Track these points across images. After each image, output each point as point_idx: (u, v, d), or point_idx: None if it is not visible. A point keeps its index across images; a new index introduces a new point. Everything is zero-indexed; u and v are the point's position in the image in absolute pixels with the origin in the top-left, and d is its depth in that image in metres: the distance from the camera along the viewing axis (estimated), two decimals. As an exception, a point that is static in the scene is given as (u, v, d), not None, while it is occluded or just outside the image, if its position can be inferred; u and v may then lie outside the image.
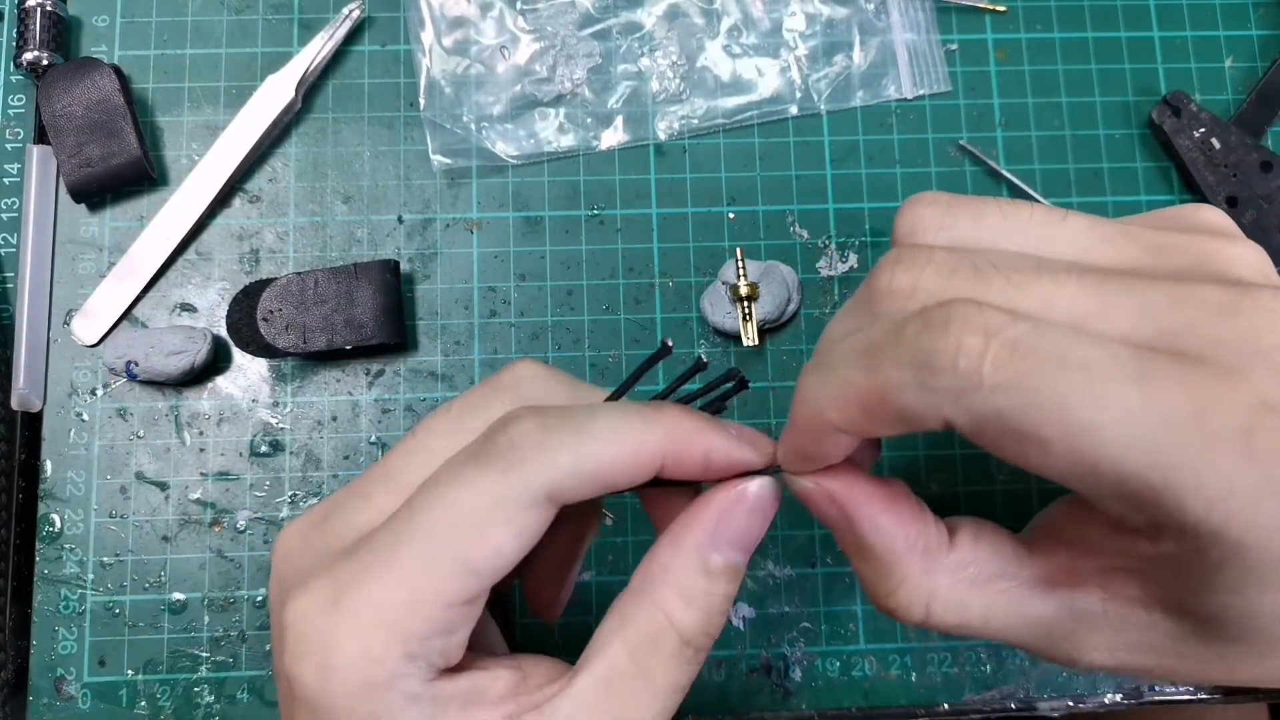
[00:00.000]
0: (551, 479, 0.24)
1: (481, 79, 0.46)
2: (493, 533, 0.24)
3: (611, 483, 0.25)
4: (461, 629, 0.25)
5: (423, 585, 0.24)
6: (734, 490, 0.26)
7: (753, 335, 0.42)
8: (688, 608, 0.25)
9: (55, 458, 0.42)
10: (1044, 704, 0.42)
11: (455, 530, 0.24)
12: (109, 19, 0.46)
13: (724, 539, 0.26)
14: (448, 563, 0.24)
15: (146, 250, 0.44)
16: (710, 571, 0.25)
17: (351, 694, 0.24)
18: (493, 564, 0.24)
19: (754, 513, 0.26)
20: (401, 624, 0.24)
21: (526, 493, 0.24)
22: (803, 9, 0.47)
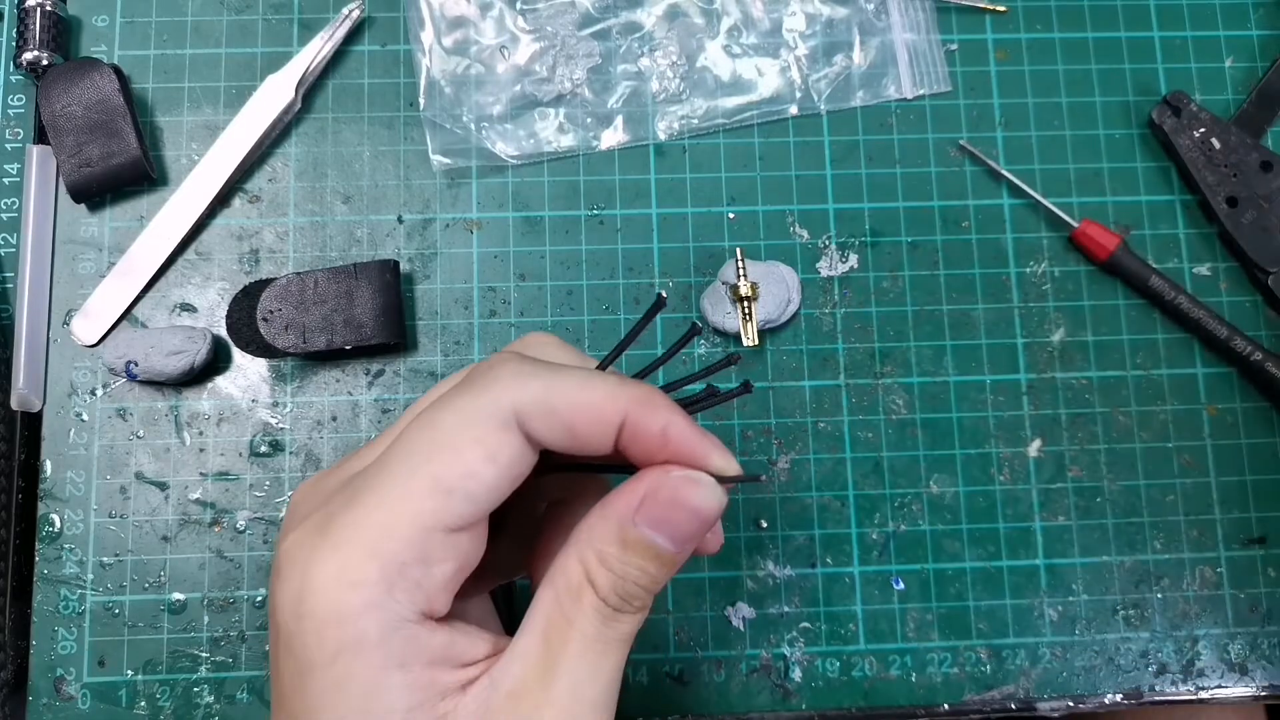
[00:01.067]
0: (519, 401, 0.25)
1: (481, 79, 0.46)
2: (464, 451, 0.25)
3: (577, 427, 0.25)
4: (441, 564, 0.25)
5: (399, 506, 0.24)
6: (668, 472, 0.26)
7: (753, 335, 0.42)
8: (600, 567, 0.26)
9: (55, 458, 0.42)
10: (1044, 704, 0.42)
11: (431, 448, 0.25)
12: (109, 19, 0.46)
13: (646, 515, 0.26)
14: (422, 481, 0.25)
15: (146, 250, 0.44)
16: (626, 541, 0.26)
17: (323, 619, 0.24)
18: (465, 485, 0.25)
19: (681, 503, 0.26)
20: (379, 545, 0.24)
21: (496, 411, 0.25)
22: (803, 9, 0.47)
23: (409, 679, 0.25)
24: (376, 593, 0.24)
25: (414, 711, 0.25)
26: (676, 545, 0.26)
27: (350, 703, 0.25)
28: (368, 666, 0.24)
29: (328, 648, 0.24)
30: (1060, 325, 0.45)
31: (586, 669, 0.26)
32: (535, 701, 0.25)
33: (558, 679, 0.25)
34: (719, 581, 0.42)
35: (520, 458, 0.25)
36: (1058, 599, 0.42)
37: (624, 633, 0.26)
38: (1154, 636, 0.42)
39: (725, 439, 0.43)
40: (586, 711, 0.26)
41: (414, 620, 0.25)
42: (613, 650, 0.26)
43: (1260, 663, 0.42)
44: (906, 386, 0.44)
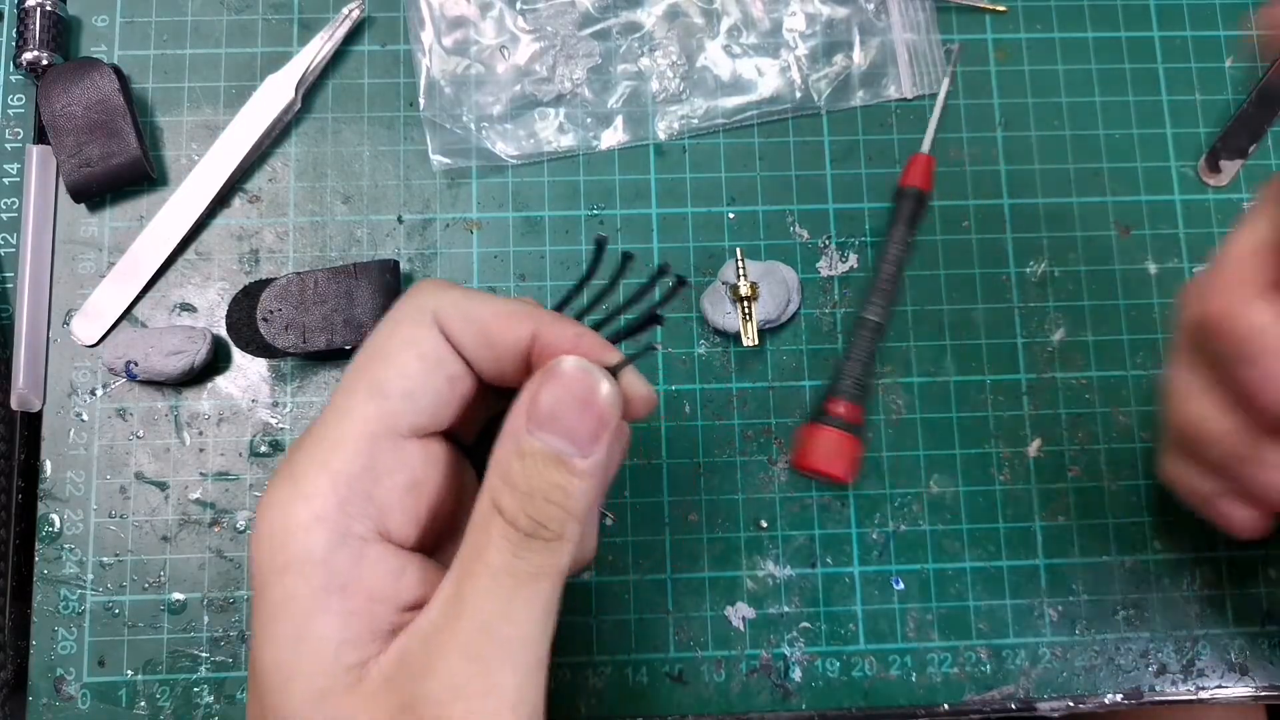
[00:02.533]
0: (439, 304, 0.26)
1: (481, 79, 0.46)
2: (393, 353, 0.26)
3: (491, 331, 0.26)
4: (391, 476, 0.25)
5: (343, 419, 0.25)
6: (546, 368, 0.25)
7: (753, 335, 0.42)
8: (504, 487, 0.25)
9: (55, 458, 0.42)
10: (1044, 704, 0.42)
11: (365, 360, 0.26)
12: (109, 19, 0.46)
13: (536, 418, 0.25)
14: (361, 390, 0.26)
15: (146, 250, 0.44)
16: (523, 452, 0.24)
17: (275, 535, 0.25)
18: (400, 384, 0.26)
19: (566, 393, 0.25)
20: (326, 458, 0.25)
21: (417, 313, 0.26)
22: (803, 9, 0.47)
23: (347, 607, 0.24)
24: (326, 505, 0.24)
25: (344, 646, 0.24)
26: (575, 444, 0.25)
27: (288, 626, 0.24)
28: (310, 584, 0.24)
29: (277, 563, 0.24)
30: (1060, 325, 0.45)
31: (495, 605, 0.24)
32: (443, 644, 0.24)
33: (465, 617, 0.24)
34: (719, 581, 0.42)
35: (445, 354, 0.26)
36: (1058, 599, 0.42)
37: (539, 565, 0.24)
38: (1154, 636, 0.42)
39: (725, 439, 0.43)
40: (496, 652, 0.24)
41: (364, 536, 0.25)
42: (526, 585, 0.24)
43: (1260, 663, 0.42)
44: (906, 386, 0.44)
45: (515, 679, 0.24)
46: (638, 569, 0.42)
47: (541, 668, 0.25)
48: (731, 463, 0.43)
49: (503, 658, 0.24)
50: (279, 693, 0.24)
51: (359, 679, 0.24)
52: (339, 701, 0.24)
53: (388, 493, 0.26)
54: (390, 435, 0.26)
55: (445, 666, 0.24)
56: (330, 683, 0.24)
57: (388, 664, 0.24)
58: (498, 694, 0.24)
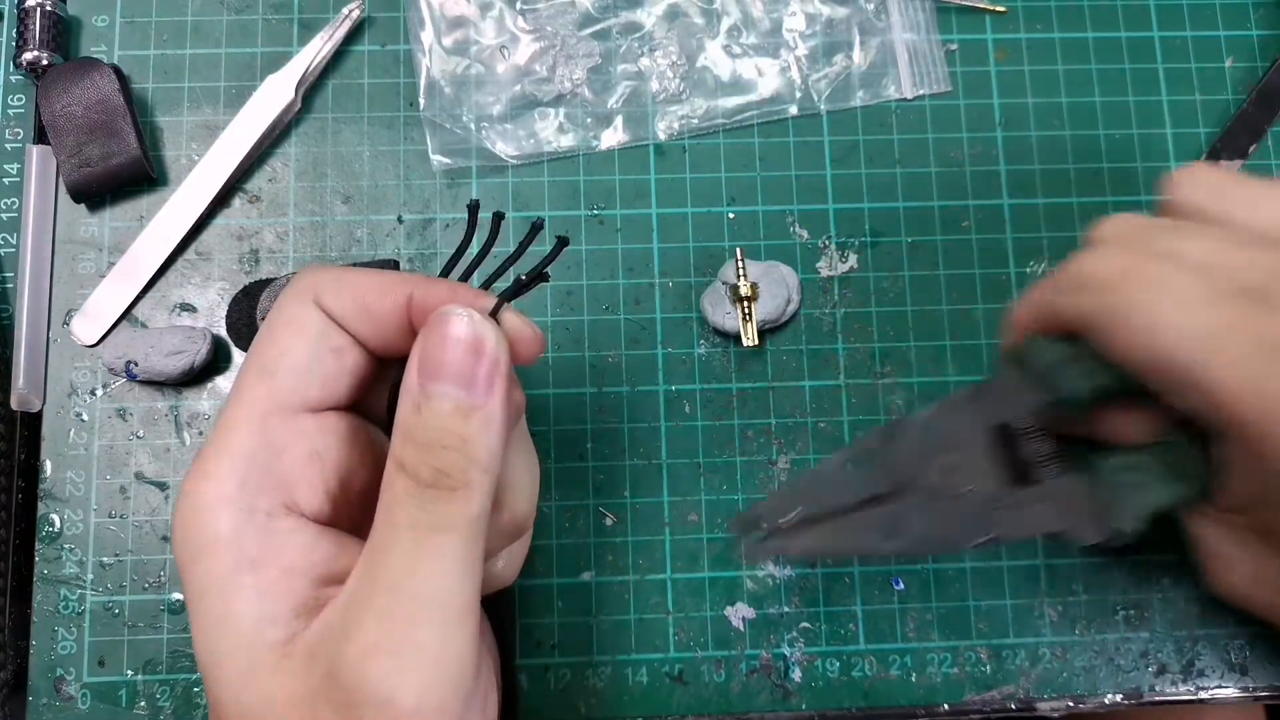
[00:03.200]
0: (316, 283, 0.28)
1: (481, 79, 0.46)
2: (276, 334, 0.27)
3: (368, 300, 0.27)
4: (290, 449, 0.26)
5: (238, 404, 0.27)
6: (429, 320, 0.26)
7: (753, 335, 0.42)
8: (405, 444, 0.25)
9: (55, 458, 0.42)
10: (1044, 704, 0.42)
11: (255, 344, 0.28)
12: (109, 19, 0.46)
13: (423, 369, 0.25)
14: (252, 373, 0.27)
15: (146, 250, 0.44)
16: (418, 405, 0.25)
17: (185, 522, 0.25)
18: (283, 361, 0.27)
19: (443, 338, 0.25)
20: (224, 440, 0.26)
21: (297, 295, 0.28)
22: (803, 9, 0.47)
23: (261, 582, 0.24)
24: (228, 485, 0.25)
25: (264, 623, 0.24)
26: (464, 387, 0.25)
27: (208, 607, 0.25)
28: (221, 564, 0.25)
29: (190, 547, 0.25)
30: (1060, 325, 0.45)
31: (404, 561, 0.24)
32: (358, 607, 0.24)
33: (376, 577, 0.24)
34: (719, 581, 0.42)
35: (328, 330, 0.27)
36: (1058, 599, 0.42)
37: (444, 514, 0.24)
38: (1154, 636, 0.42)
39: (725, 439, 0.43)
40: (408, 608, 0.23)
41: (269, 511, 0.25)
42: (434, 536, 0.24)
43: (1260, 663, 0.42)
44: (906, 386, 0.44)
45: (433, 634, 0.24)
46: (638, 569, 0.42)
47: (464, 621, 0.24)
48: (731, 463, 0.43)
49: (416, 613, 0.24)
50: (211, 675, 0.25)
51: (284, 655, 0.24)
52: (265, 678, 0.24)
53: (288, 467, 0.26)
54: (281, 411, 0.26)
55: (360, 629, 0.24)
56: (255, 660, 0.24)
57: (311, 637, 0.24)
58: (415, 651, 0.23)
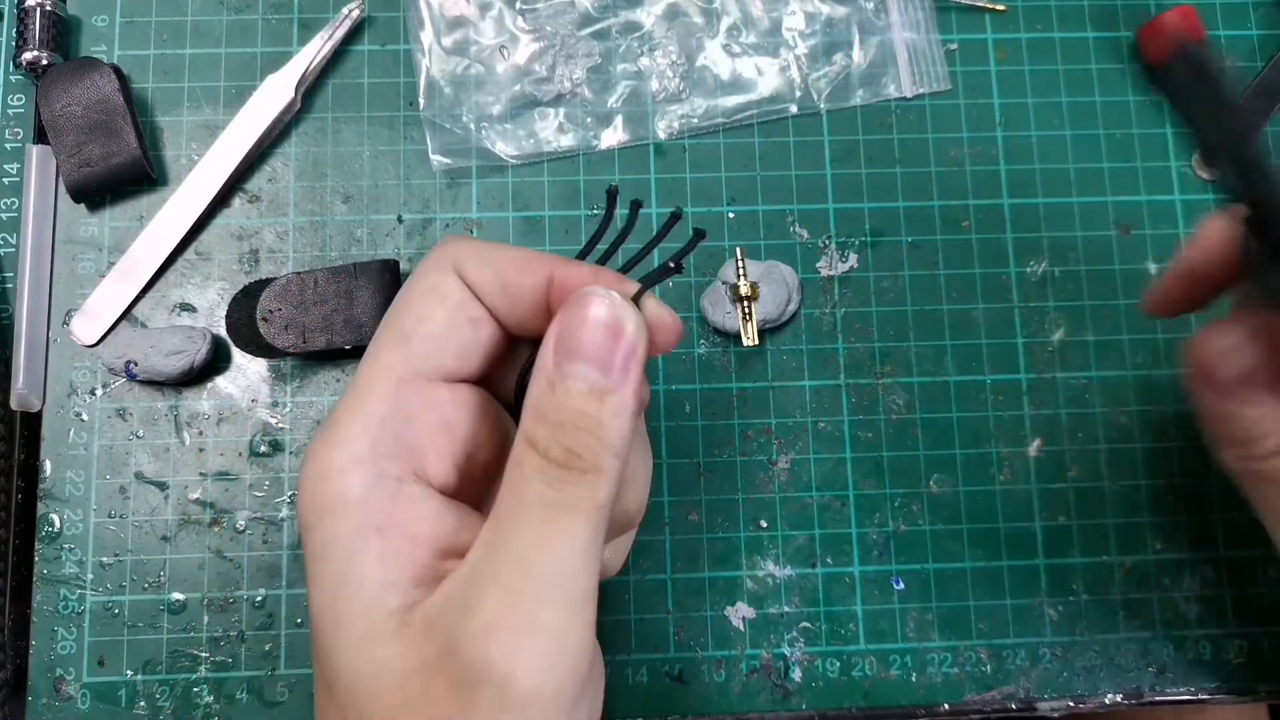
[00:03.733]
0: (457, 252, 0.28)
1: (481, 79, 0.46)
2: (415, 300, 0.27)
3: (507, 275, 0.27)
4: (422, 417, 0.26)
5: (373, 366, 0.27)
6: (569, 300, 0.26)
7: (753, 335, 0.42)
8: (538, 422, 0.25)
9: (55, 458, 0.42)
10: (1044, 704, 0.42)
11: (392, 312, 0.28)
12: (109, 19, 0.46)
13: (562, 349, 0.25)
14: (388, 337, 0.27)
15: (146, 250, 0.44)
16: (553, 384, 0.25)
17: (314, 479, 0.25)
18: (420, 328, 0.27)
19: (584, 320, 0.25)
20: (358, 403, 0.26)
21: (438, 263, 0.28)
22: (802, 8, 0.47)
23: (386, 547, 0.25)
24: (359, 446, 0.25)
25: (386, 589, 0.24)
26: (601, 369, 0.24)
27: (330, 568, 0.25)
28: (348, 525, 0.25)
29: (317, 507, 0.25)
30: (1060, 325, 0.45)
31: (531, 538, 0.24)
32: (481, 582, 0.24)
33: (501, 553, 0.24)
34: (719, 581, 0.42)
35: (468, 301, 0.27)
36: (1058, 599, 0.42)
37: (574, 496, 0.24)
38: (1154, 636, 0.42)
39: (725, 439, 0.43)
40: (533, 587, 0.23)
41: (398, 476, 0.25)
42: (562, 517, 0.24)
43: (1261, 663, 0.42)
44: (906, 386, 0.44)
45: (555, 614, 0.24)
46: (638, 569, 0.42)
47: (586, 605, 0.24)
48: (731, 463, 0.43)
49: (541, 592, 0.23)
50: (328, 641, 0.25)
51: (403, 624, 0.24)
52: (382, 645, 0.24)
53: (419, 434, 0.26)
54: (417, 379, 0.26)
55: (483, 604, 0.23)
56: (374, 626, 0.24)
57: (431, 608, 0.24)
58: (537, 629, 0.23)
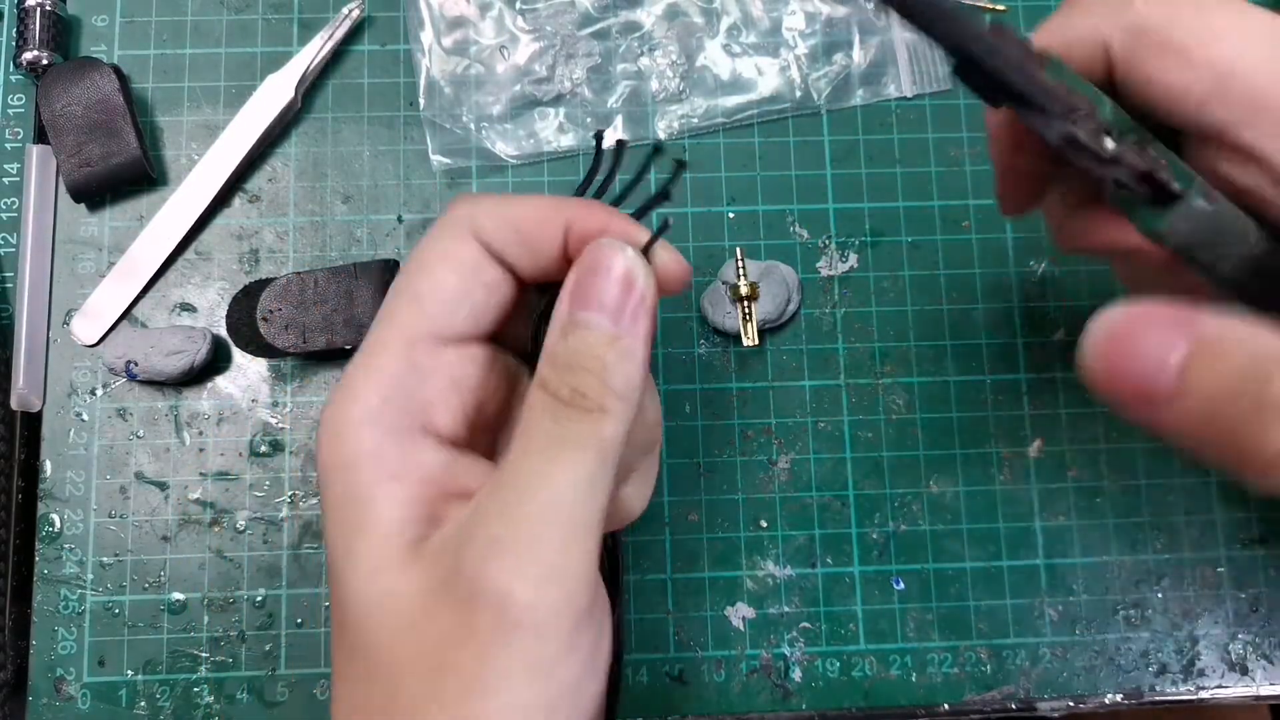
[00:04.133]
0: (473, 213, 0.28)
1: (481, 79, 0.46)
2: (432, 266, 0.28)
3: (525, 228, 0.27)
4: (433, 376, 0.27)
5: (386, 326, 0.27)
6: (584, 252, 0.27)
7: (753, 335, 0.42)
8: (548, 365, 0.26)
9: (55, 458, 0.42)
10: (1044, 704, 0.42)
11: (407, 272, 0.28)
12: (109, 19, 0.46)
13: (574, 295, 0.26)
14: (402, 299, 0.27)
15: (146, 250, 0.44)
16: (565, 328, 0.26)
17: (331, 435, 0.26)
18: (435, 293, 0.27)
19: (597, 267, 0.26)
20: (371, 362, 0.27)
21: (454, 224, 0.28)
22: (802, 8, 0.47)
23: (402, 492, 0.26)
24: (372, 403, 0.26)
25: (401, 525, 0.25)
26: (609, 315, 0.26)
27: (348, 514, 0.26)
28: (365, 475, 0.26)
29: (335, 463, 0.26)
30: (1060, 325, 0.45)
31: (535, 467, 0.25)
32: (485, 509, 0.25)
33: (505, 482, 0.25)
34: (719, 581, 0.42)
35: (482, 264, 0.28)
36: (1058, 599, 0.42)
37: (578, 433, 0.25)
38: (1154, 636, 0.42)
39: (725, 439, 0.43)
40: (533, 513, 0.24)
41: (409, 429, 0.26)
42: (566, 450, 0.25)
43: (1260, 663, 0.42)
44: (906, 386, 0.44)
45: (554, 539, 0.24)
46: (638, 569, 0.42)
47: (585, 536, 0.25)
48: (731, 463, 0.43)
49: (540, 518, 0.24)
50: (341, 572, 0.26)
51: (414, 555, 0.25)
52: (393, 573, 0.25)
53: (429, 392, 0.27)
54: (427, 340, 0.27)
55: (484, 526, 0.25)
56: (387, 557, 0.25)
57: (439, 539, 0.25)
58: (534, 554, 0.24)
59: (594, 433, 0.25)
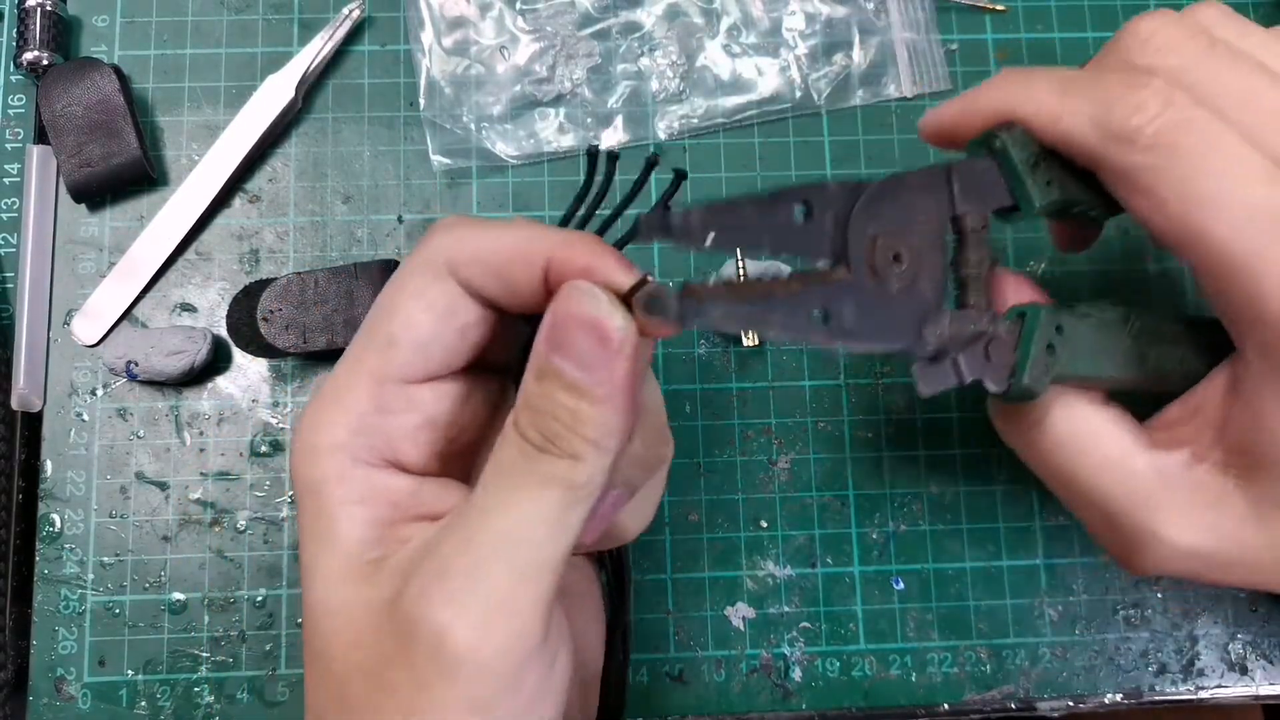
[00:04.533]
0: (451, 250, 0.27)
1: (481, 79, 0.46)
2: (405, 304, 0.27)
3: (503, 268, 0.26)
4: (401, 416, 0.27)
5: (356, 364, 0.27)
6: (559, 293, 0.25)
7: (753, 335, 0.42)
8: (522, 405, 0.25)
9: (55, 458, 0.42)
10: (1044, 704, 0.42)
11: (380, 310, 0.27)
12: (109, 19, 0.46)
13: (549, 340, 0.25)
14: (376, 338, 0.27)
15: (146, 250, 0.44)
16: (539, 372, 0.25)
17: (301, 458, 0.27)
18: (406, 335, 0.27)
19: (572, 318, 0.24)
20: (341, 397, 0.27)
21: (429, 263, 0.27)
22: (802, 8, 0.47)
23: (366, 514, 0.26)
24: (339, 436, 0.26)
25: (367, 545, 0.26)
26: (582, 369, 0.24)
27: (318, 530, 0.26)
28: (331, 499, 0.26)
29: (305, 482, 0.27)
30: (1060, 325, 0.45)
31: (495, 500, 0.25)
32: (443, 532, 0.25)
33: (467, 510, 0.25)
34: (719, 581, 0.42)
35: (458, 304, 0.27)
36: (1058, 599, 0.42)
37: (548, 473, 0.24)
38: (1154, 636, 0.42)
39: (725, 439, 0.43)
40: (489, 543, 0.24)
41: (374, 464, 0.27)
42: (531, 486, 0.24)
43: (1260, 662, 0.42)
44: (906, 386, 0.44)
45: (507, 577, 0.24)
46: (638, 569, 0.42)
47: (539, 576, 0.24)
48: (732, 463, 0.43)
49: (491, 552, 0.24)
50: (309, 579, 0.26)
51: (375, 569, 0.25)
52: (352, 585, 0.25)
53: (396, 430, 0.27)
54: (397, 381, 0.27)
55: (439, 551, 0.24)
56: (350, 570, 0.26)
57: (397, 560, 0.25)
58: (484, 587, 0.24)
59: (563, 474, 0.24)
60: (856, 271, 0.25)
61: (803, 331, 0.24)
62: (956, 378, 0.27)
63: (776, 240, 0.24)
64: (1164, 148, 0.26)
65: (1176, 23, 0.28)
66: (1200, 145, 0.26)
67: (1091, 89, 0.27)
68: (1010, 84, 0.29)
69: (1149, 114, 0.26)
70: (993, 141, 0.29)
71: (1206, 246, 0.26)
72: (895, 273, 0.26)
